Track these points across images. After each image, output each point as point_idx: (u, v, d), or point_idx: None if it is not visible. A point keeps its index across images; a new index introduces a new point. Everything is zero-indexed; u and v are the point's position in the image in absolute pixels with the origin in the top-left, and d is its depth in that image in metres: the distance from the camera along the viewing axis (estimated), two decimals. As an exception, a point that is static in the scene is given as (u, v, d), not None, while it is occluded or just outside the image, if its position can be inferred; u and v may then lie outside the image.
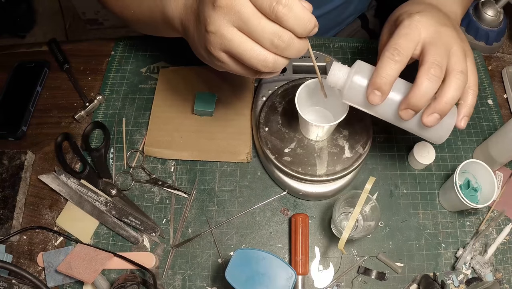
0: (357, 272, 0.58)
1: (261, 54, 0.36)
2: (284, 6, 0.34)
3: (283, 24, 0.35)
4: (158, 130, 0.66)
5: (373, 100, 0.43)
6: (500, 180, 0.64)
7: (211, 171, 0.65)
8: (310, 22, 0.35)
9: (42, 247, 0.60)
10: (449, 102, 0.41)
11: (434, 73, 0.41)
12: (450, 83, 0.42)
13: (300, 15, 0.34)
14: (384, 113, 0.47)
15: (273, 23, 0.35)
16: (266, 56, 0.36)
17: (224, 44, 0.36)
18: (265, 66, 0.37)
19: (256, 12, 0.35)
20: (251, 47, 0.36)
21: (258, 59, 0.36)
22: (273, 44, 0.36)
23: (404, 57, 0.42)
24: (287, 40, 0.35)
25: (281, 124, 0.61)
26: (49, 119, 0.70)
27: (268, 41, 0.35)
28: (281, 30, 0.35)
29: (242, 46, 0.36)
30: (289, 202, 0.63)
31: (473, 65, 0.46)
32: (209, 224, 0.61)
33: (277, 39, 0.35)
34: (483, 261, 0.57)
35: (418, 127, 0.46)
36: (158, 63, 0.75)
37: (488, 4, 0.73)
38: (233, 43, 0.36)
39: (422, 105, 0.41)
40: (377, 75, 0.42)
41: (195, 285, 0.57)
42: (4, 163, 0.64)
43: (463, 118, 0.46)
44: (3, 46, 0.81)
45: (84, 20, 1.91)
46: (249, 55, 0.36)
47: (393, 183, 0.64)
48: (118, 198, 0.62)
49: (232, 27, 0.35)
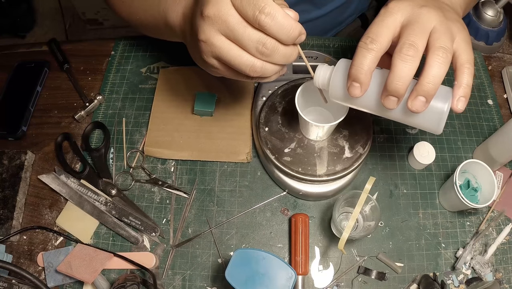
0: (357, 272, 0.58)
1: (248, 60, 0.38)
2: (267, 15, 0.35)
3: (267, 32, 0.36)
4: (158, 131, 0.66)
5: (353, 92, 0.41)
6: (500, 180, 0.64)
7: (211, 171, 0.65)
8: (294, 30, 0.36)
9: (42, 247, 0.60)
10: (431, 82, 0.38)
11: (406, 52, 0.38)
12: (430, 61, 0.39)
13: (283, 23, 0.35)
14: (370, 106, 0.45)
15: (258, 31, 0.36)
16: (254, 62, 0.38)
17: (214, 51, 0.38)
18: (253, 71, 0.38)
19: (241, 21, 0.36)
20: (239, 54, 0.38)
21: (245, 65, 0.38)
22: (259, 51, 0.37)
23: (378, 44, 0.39)
24: (271, 47, 0.37)
25: (281, 124, 0.61)
26: (49, 119, 0.70)
27: (253, 48, 0.37)
28: (265, 37, 0.36)
29: (230, 53, 0.38)
30: (289, 202, 0.63)
31: (466, 43, 0.42)
32: (209, 224, 0.61)
33: (262, 46, 0.37)
34: (483, 261, 0.57)
35: (406, 115, 0.43)
36: (158, 63, 0.75)
37: (488, 4, 0.73)
38: (222, 50, 0.38)
39: (402, 90, 0.39)
40: (352, 66, 0.40)
41: (195, 285, 0.57)
42: (4, 163, 0.64)
43: (459, 100, 0.42)
44: (3, 46, 0.81)
45: (84, 20, 1.91)
46: (237, 61, 0.38)
47: (393, 183, 0.64)
48: (118, 198, 0.62)
49: (220, 36, 0.37)
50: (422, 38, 0.39)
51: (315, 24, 0.82)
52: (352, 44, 0.77)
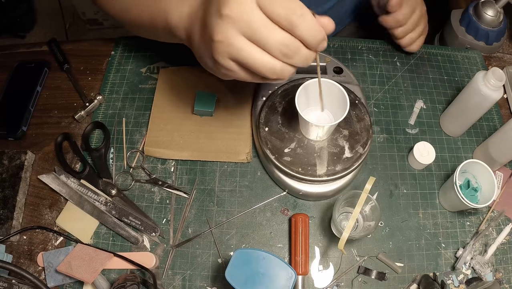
0: (357, 272, 0.58)
1: (270, 62, 0.37)
2: (299, 16, 0.35)
3: (295, 33, 0.36)
4: (158, 131, 0.66)
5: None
6: (500, 180, 0.64)
7: (211, 171, 0.65)
8: (321, 33, 0.37)
9: (42, 247, 0.60)
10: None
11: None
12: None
13: (313, 25, 0.36)
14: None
15: (283, 31, 0.36)
16: (275, 64, 0.37)
17: (232, 53, 0.37)
18: (273, 73, 0.38)
19: (266, 22, 0.35)
20: (260, 56, 0.37)
21: (267, 67, 0.37)
22: (281, 53, 0.36)
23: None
24: (294, 49, 0.36)
25: (281, 124, 0.61)
26: (49, 119, 0.70)
27: (276, 50, 0.36)
28: (290, 39, 0.36)
29: (252, 55, 0.37)
30: (289, 202, 0.63)
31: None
32: (209, 224, 0.61)
33: (285, 48, 0.36)
34: (483, 261, 0.57)
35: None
36: (158, 63, 0.75)
37: (488, 4, 0.73)
38: (243, 52, 0.36)
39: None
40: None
41: (195, 285, 0.57)
42: (4, 163, 0.64)
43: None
44: (3, 46, 0.81)
45: (84, 20, 1.91)
46: (258, 63, 0.37)
47: (393, 183, 0.64)
48: (118, 198, 0.62)
49: (241, 36, 0.36)
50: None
51: None
52: (352, 44, 0.77)
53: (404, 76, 0.74)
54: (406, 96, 0.72)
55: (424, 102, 0.71)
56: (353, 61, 0.75)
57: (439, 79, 0.74)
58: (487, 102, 0.57)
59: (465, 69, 0.75)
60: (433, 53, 0.77)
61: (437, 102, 0.71)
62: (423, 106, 0.71)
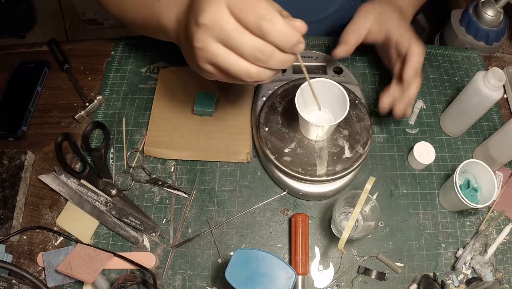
0: (357, 272, 0.58)
1: (245, 67, 0.39)
2: (268, 22, 0.36)
3: (267, 38, 0.37)
4: (158, 130, 0.66)
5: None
6: (500, 180, 0.64)
7: (211, 171, 0.65)
8: (293, 37, 0.37)
9: (42, 247, 0.60)
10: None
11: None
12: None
13: (283, 29, 0.37)
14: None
15: (255, 37, 0.37)
16: (250, 69, 0.39)
17: (210, 58, 0.39)
18: (249, 77, 0.39)
19: (239, 28, 0.37)
20: (235, 60, 0.38)
21: (242, 71, 0.39)
22: (255, 57, 0.38)
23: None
24: (267, 54, 0.38)
25: (281, 124, 0.61)
26: (49, 119, 0.70)
27: (250, 55, 0.38)
28: (262, 44, 0.37)
29: (226, 60, 0.38)
30: (289, 202, 0.63)
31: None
32: (209, 224, 0.61)
33: (258, 53, 0.37)
34: (483, 261, 0.57)
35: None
36: (158, 63, 0.75)
37: (488, 4, 0.73)
38: (218, 57, 0.38)
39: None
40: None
41: (195, 285, 0.57)
42: (4, 163, 0.64)
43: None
44: (3, 46, 0.81)
45: (84, 20, 1.91)
46: (234, 68, 0.39)
47: (393, 183, 0.64)
48: (118, 198, 0.62)
49: (217, 43, 0.38)
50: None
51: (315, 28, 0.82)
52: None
53: (404, 76, 0.74)
54: (406, 96, 0.72)
55: (424, 102, 0.71)
56: (353, 61, 0.75)
57: (439, 79, 0.74)
58: (487, 102, 0.57)
59: (465, 69, 0.75)
60: (433, 53, 0.77)
61: (437, 102, 0.71)
62: (423, 106, 0.71)
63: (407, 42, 0.57)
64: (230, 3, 0.36)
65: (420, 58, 0.56)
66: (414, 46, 0.56)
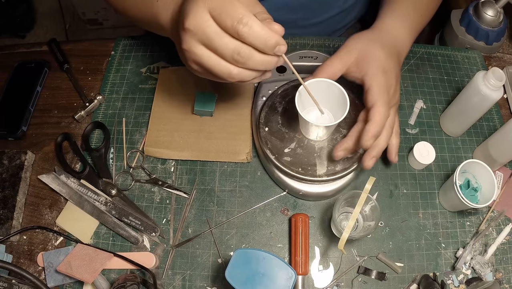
0: (357, 272, 0.58)
1: (226, 67, 0.41)
2: (244, 25, 0.38)
3: (244, 41, 0.39)
4: (158, 130, 0.66)
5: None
6: (500, 180, 0.64)
7: (211, 171, 0.65)
8: (271, 39, 0.39)
9: (42, 247, 0.60)
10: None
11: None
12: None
13: (259, 32, 0.39)
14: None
15: (234, 40, 0.40)
16: (231, 69, 0.42)
17: (195, 59, 0.42)
18: (231, 77, 0.42)
19: (219, 31, 0.39)
20: (217, 62, 0.41)
21: (223, 71, 0.42)
22: (234, 59, 0.40)
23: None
24: (245, 55, 0.40)
25: (281, 124, 0.61)
26: (49, 119, 0.70)
27: (229, 56, 0.40)
28: (241, 46, 0.40)
29: (209, 61, 0.41)
30: (289, 202, 0.63)
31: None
32: (209, 224, 0.61)
33: (237, 54, 0.40)
34: (483, 261, 0.57)
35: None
36: (158, 63, 0.75)
37: (488, 4, 0.73)
38: (203, 59, 0.42)
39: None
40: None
41: (195, 285, 0.57)
42: (4, 163, 0.64)
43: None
44: (3, 46, 0.81)
45: (84, 20, 1.91)
46: (216, 68, 0.42)
47: (393, 183, 0.64)
48: (118, 198, 0.62)
49: (200, 45, 0.41)
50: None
51: (314, 30, 0.82)
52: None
53: (404, 76, 0.74)
54: (406, 96, 0.72)
55: (424, 102, 0.71)
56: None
57: (439, 79, 0.74)
58: (487, 102, 0.57)
59: (465, 69, 0.75)
60: (433, 53, 0.77)
61: (437, 102, 0.71)
62: (423, 106, 0.71)
63: (372, 99, 0.50)
64: (211, 8, 0.39)
65: (376, 128, 0.48)
66: (375, 109, 0.49)
